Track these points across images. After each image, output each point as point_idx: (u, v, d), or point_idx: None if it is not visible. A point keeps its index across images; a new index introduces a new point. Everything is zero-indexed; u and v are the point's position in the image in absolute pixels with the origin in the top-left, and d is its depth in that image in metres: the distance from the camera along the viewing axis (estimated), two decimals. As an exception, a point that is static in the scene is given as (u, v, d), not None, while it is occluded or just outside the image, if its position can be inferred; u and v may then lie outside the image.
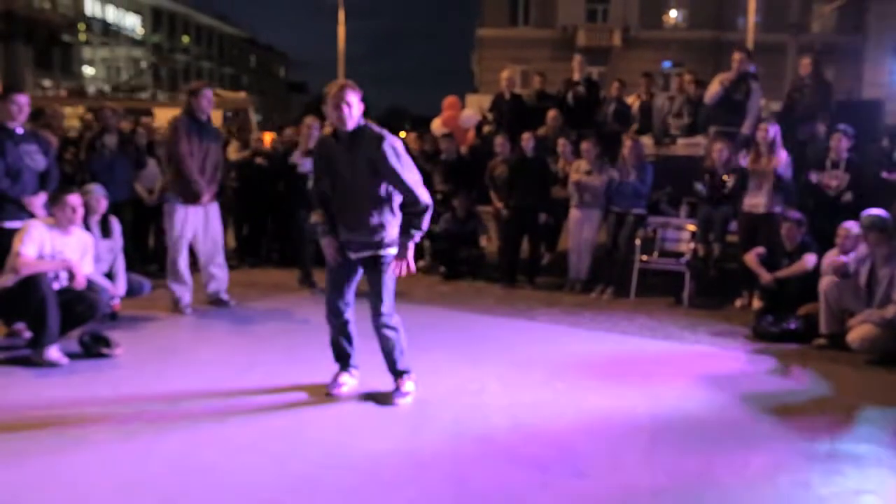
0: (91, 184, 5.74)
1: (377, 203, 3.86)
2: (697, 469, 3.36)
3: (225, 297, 6.27)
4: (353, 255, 3.97)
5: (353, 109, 3.74)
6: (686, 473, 3.32)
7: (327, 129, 4.05)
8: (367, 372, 4.32)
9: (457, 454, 3.45)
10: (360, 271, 4.06)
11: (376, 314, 3.96)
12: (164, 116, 11.40)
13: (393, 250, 3.91)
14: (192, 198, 5.84)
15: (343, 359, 4.23)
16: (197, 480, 3.13)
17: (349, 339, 4.19)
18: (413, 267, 3.90)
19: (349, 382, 4.23)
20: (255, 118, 16.60)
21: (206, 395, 4.12)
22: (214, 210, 6.10)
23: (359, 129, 3.80)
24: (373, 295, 3.96)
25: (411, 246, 3.86)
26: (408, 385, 4.09)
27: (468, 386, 4.26)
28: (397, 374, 4.10)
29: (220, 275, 6.23)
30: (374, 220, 3.86)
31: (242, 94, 22.11)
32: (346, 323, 4.13)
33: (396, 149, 3.78)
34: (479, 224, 8.00)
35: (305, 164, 6.93)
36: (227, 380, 4.39)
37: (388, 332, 3.98)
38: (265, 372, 4.53)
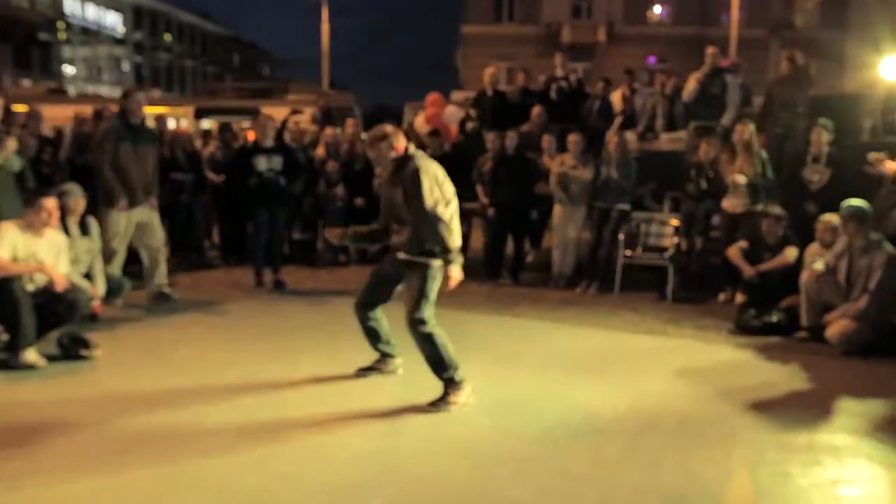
0: (69, 184, 5.66)
1: None
2: (679, 463, 3.37)
3: (167, 290, 6.31)
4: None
5: None
6: (668, 468, 3.33)
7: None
8: (347, 373, 4.30)
9: (437, 452, 3.44)
10: None
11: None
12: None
13: None
14: (120, 204, 5.89)
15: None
16: (176, 482, 3.11)
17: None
18: None
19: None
20: None
21: (185, 396, 4.09)
22: (155, 214, 6.17)
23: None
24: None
25: None
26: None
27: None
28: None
29: (163, 269, 6.29)
30: None
31: None
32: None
33: None
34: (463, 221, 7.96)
35: (262, 162, 6.77)
36: (206, 380, 4.35)
37: None
38: (245, 372, 4.49)
